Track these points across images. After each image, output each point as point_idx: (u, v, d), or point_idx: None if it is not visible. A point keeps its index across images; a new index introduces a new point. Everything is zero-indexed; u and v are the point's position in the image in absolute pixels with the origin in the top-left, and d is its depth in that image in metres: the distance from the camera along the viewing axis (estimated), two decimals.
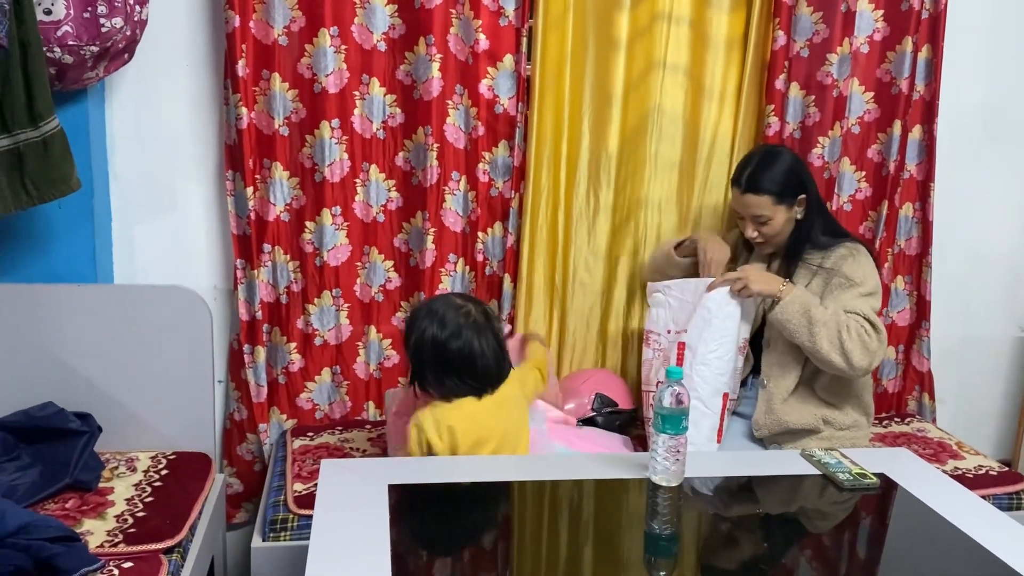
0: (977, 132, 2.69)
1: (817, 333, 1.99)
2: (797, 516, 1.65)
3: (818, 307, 2.02)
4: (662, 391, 1.58)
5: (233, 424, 2.40)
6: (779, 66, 2.40)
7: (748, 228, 2.16)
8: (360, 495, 1.54)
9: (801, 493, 1.69)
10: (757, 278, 2.07)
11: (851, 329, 1.99)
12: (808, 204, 2.15)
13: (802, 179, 2.14)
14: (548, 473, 1.68)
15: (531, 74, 2.33)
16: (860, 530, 1.60)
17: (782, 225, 2.13)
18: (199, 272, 2.37)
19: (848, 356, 1.99)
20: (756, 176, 2.11)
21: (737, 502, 1.70)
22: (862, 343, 1.99)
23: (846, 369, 2.01)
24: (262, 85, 2.23)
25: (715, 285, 2.10)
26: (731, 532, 1.58)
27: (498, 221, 2.42)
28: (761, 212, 2.12)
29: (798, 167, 2.16)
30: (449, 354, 1.75)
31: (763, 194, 2.10)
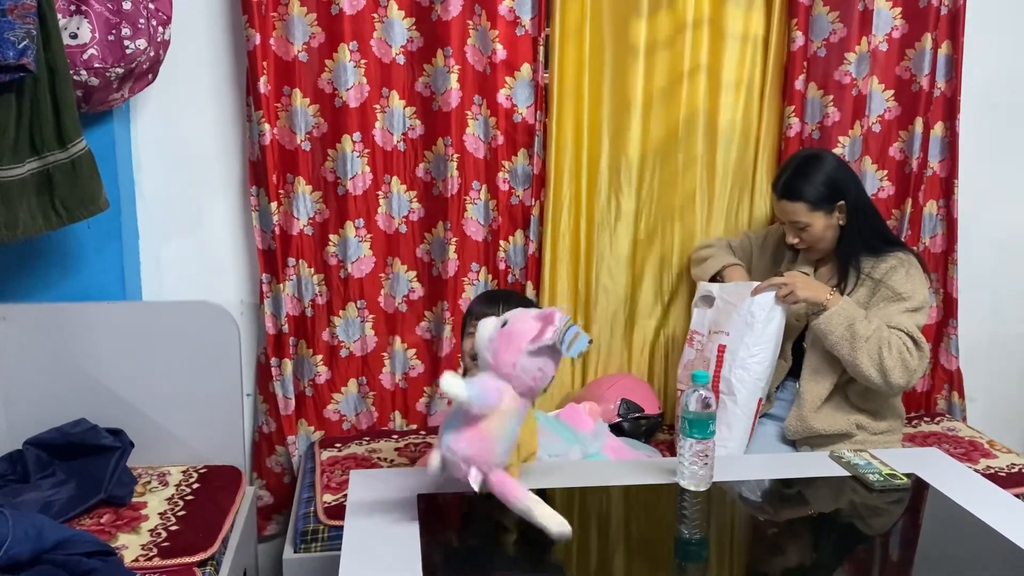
0: (1000, 126, 2.67)
1: (858, 348, 1.98)
2: (827, 518, 1.64)
3: (862, 321, 2.00)
4: (688, 395, 1.58)
5: (262, 437, 2.42)
6: (798, 67, 2.40)
7: (789, 234, 2.16)
8: (389, 505, 1.55)
9: (831, 495, 1.68)
10: (804, 285, 2.06)
11: (892, 346, 1.97)
12: (851, 210, 2.11)
13: (841, 185, 2.10)
14: (577, 480, 1.68)
15: (549, 83, 2.35)
16: (892, 531, 1.59)
17: (822, 231, 2.11)
18: (225, 287, 2.40)
19: (887, 374, 1.98)
20: (792, 183, 2.10)
21: (766, 505, 1.69)
22: (902, 361, 1.98)
23: (882, 386, 2.00)
24: (283, 101, 2.26)
25: (761, 289, 2.09)
26: (761, 535, 1.57)
27: (519, 229, 2.43)
28: (798, 219, 2.11)
29: (839, 173, 2.12)
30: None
31: (797, 201, 2.09)
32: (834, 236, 2.14)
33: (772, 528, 1.60)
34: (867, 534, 1.58)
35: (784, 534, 1.57)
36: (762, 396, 2.12)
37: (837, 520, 1.63)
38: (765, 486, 1.72)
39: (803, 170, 2.11)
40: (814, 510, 1.66)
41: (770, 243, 2.38)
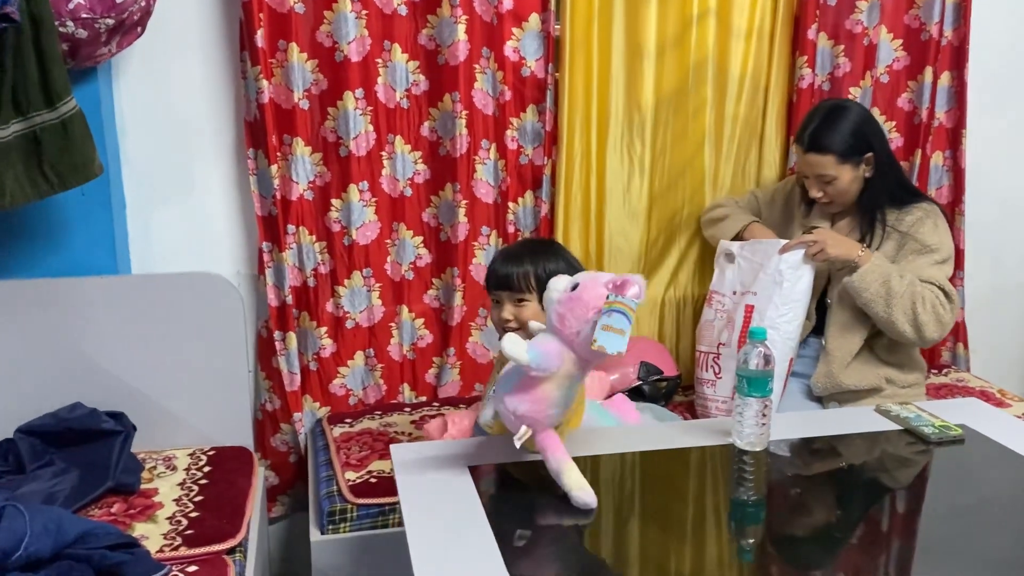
0: (1007, 76, 2.65)
1: (894, 305, 1.95)
2: (889, 472, 1.60)
3: (896, 277, 1.97)
4: (747, 353, 1.52)
5: (266, 415, 2.29)
6: (810, 15, 2.34)
7: (813, 188, 2.09)
8: (441, 478, 1.46)
9: (887, 449, 1.64)
10: (835, 242, 2.01)
11: (926, 301, 1.95)
12: (877, 162, 2.06)
13: (869, 137, 2.05)
14: (631, 445, 1.61)
15: (560, 34, 2.24)
16: (957, 479, 1.55)
17: (848, 184, 2.06)
18: (220, 258, 2.26)
19: (921, 328, 1.96)
20: (819, 134, 2.03)
21: (821, 464, 1.64)
22: (936, 315, 1.95)
23: (915, 340, 1.99)
24: (279, 57, 2.11)
25: (789, 247, 2.04)
26: (821, 495, 1.52)
27: (529, 190, 2.33)
28: (825, 171, 2.04)
29: (866, 124, 2.06)
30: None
31: (826, 153, 2.02)
32: (858, 189, 2.09)
33: (830, 485, 1.55)
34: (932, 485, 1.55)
35: (845, 491, 1.52)
36: (792, 356, 2.08)
37: (898, 474, 1.60)
38: (817, 444, 1.67)
39: (830, 122, 2.04)
40: (872, 465, 1.62)
41: (779, 199, 2.32)
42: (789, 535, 1.40)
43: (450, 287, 2.32)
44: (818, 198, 2.11)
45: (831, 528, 1.40)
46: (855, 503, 1.49)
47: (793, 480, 1.57)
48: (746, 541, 1.40)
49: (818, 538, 1.37)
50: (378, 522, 1.86)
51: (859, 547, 1.34)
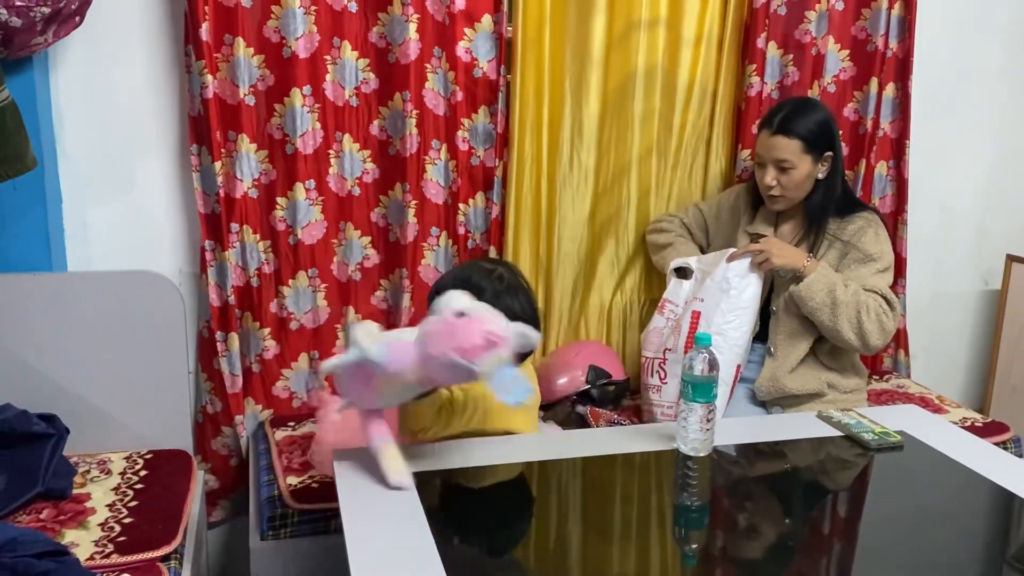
0: (949, 88, 2.72)
1: (839, 314, 1.98)
2: (828, 479, 1.62)
3: (841, 286, 2.00)
4: (693, 358, 1.52)
5: (206, 417, 2.24)
6: (759, 23, 2.36)
7: (768, 175, 2.08)
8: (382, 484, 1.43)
9: (829, 455, 1.66)
10: (780, 252, 2.03)
11: (870, 310, 1.98)
12: (832, 166, 2.09)
13: (832, 137, 2.09)
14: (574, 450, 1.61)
15: (512, 35, 2.23)
16: (894, 484, 1.58)
17: (803, 178, 2.07)
18: (161, 256, 2.19)
19: (865, 336, 1.99)
20: (790, 118, 2.04)
21: (763, 469, 1.65)
22: (880, 323, 1.99)
23: (860, 347, 2.02)
24: (224, 51, 2.06)
25: (736, 256, 2.06)
26: (762, 501, 1.53)
27: (480, 191, 2.32)
28: (787, 156, 2.04)
29: (833, 124, 2.11)
30: None
31: (794, 137, 2.03)
32: (808, 189, 2.11)
33: (771, 491, 1.57)
34: (870, 491, 1.57)
35: (783, 497, 1.54)
36: (740, 363, 2.10)
37: (838, 479, 1.62)
38: (758, 449, 1.68)
39: (802, 109, 2.07)
40: (813, 471, 1.64)
41: (724, 209, 2.35)
42: (733, 540, 1.41)
43: (398, 288, 2.29)
44: (770, 187, 2.09)
45: (773, 533, 1.41)
46: (797, 509, 1.51)
47: (737, 485, 1.59)
48: (690, 546, 1.41)
49: (761, 543, 1.38)
50: (319, 528, 1.82)
51: (801, 552, 1.35)
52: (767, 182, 2.08)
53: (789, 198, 2.11)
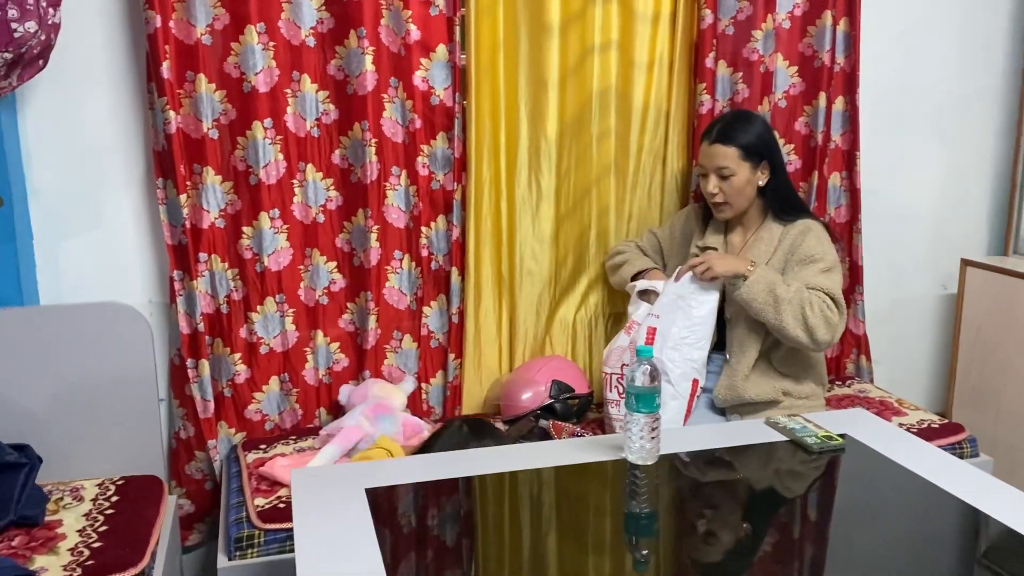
0: (895, 100, 2.80)
1: (783, 311, 2.04)
2: (772, 483, 1.68)
3: (782, 285, 2.06)
4: (633, 370, 1.58)
5: (179, 443, 2.29)
6: (707, 44, 2.44)
7: (710, 183, 2.17)
8: (337, 501, 1.49)
9: (772, 461, 1.72)
10: (720, 261, 2.10)
11: (814, 305, 2.04)
12: (771, 173, 2.18)
13: (769, 145, 2.18)
14: (523, 463, 1.66)
15: (466, 63, 2.30)
16: (835, 490, 1.64)
17: (743, 185, 2.15)
18: (131, 287, 2.26)
19: (812, 332, 2.04)
20: (728, 129, 2.15)
21: (711, 475, 1.71)
22: (825, 318, 2.04)
23: (809, 344, 2.06)
24: (187, 87, 2.14)
25: (682, 272, 2.12)
26: (709, 506, 1.59)
27: (441, 215, 2.39)
28: (726, 164, 2.13)
29: (768, 133, 2.21)
30: None
31: (732, 145, 2.13)
32: (751, 195, 2.19)
33: (717, 497, 1.62)
34: (812, 495, 1.63)
35: (729, 502, 1.59)
36: (698, 377, 2.15)
37: (780, 484, 1.67)
38: (708, 456, 1.73)
39: (739, 121, 2.18)
40: (757, 477, 1.70)
41: (677, 230, 2.42)
42: (681, 545, 1.46)
43: (364, 311, 2.36)
44: (713, 194, 2.18)
45: (720, 537, 1.45)
46: (742, 513, 1.55)
47: (683, 492, 1.64)
48: (640, 553, 1.46)
49: (708, 548, 1.43)
50: (286, 547, 1.87)
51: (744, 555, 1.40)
52: (710, 189, 2.17)
53: (733, 205, 2.19)
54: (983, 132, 2.93)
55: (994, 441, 2.71)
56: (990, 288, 2.74)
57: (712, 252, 2.18)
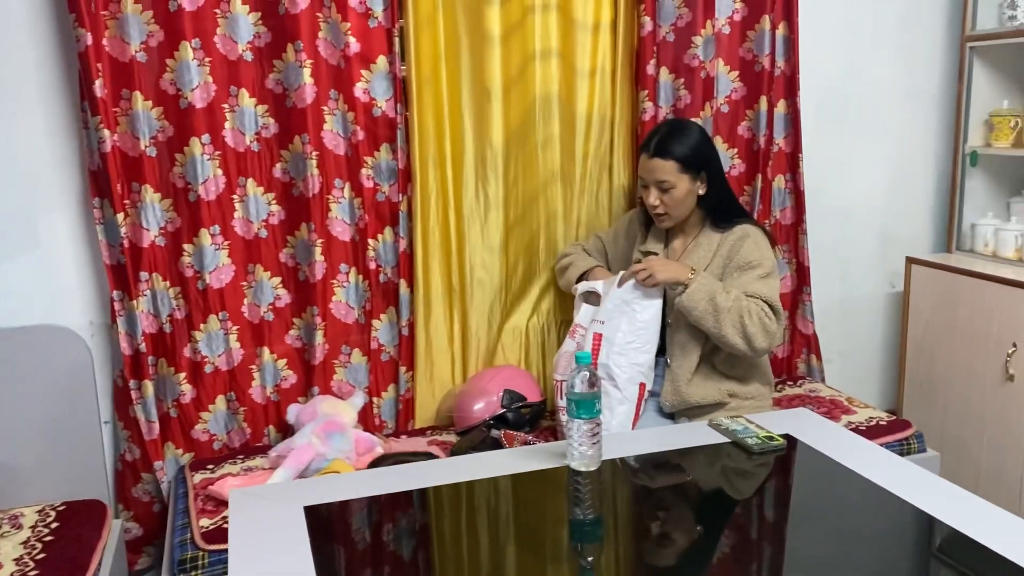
0: (837, 102, 2.84)
1: (722, 320, 2.05)
2: (714, 485, 1.68)
3: (722, 293, 2.07)
4: (572, 377, 1.58)
5: (125, 465, 2.26)
6: (648, 51, 2.46)
7: (651, 195, 2.18)
8: (275, 521, 1.47)
9: (715, 462, 1.73)
10: (662, 268, 2.11)
11: (753, 314, 2.05)
12: (711, 181, 2.19)
13: (707, 155, 2.19)
14: (465, 474, 1.65)
15: (406, 74, 2.30)
16: (775, 489, 1.65)
17: (683, 196, 2.17)
18: (71, 308, 2.22)
19: (750, 340, 2.06)
20: (665, 142, 2.15)
21: (655, 479, 1.71)
22: (763, 326, 2.06)
23: (747, 351, 2.08)
24: (123, 105, 2.11)
25: (625, 278, 2.13)
26: (652, 510, 1.59)
27: (388, 226, 2.38)
28: (665, 177, 2.14)
29: (705, 143, 2.21)
30: None
31: (669, 159, 2.13)
32: (691, 205, 2.20)
33: (660, 500, 1.62)
34: (752, 495, 1.63)
35: (672, 505, 1.59)
36: (644, 381, 2.16)
37: (722, 486, 1.68)
38: (651, 460, 1.74)
39: (676, 133, 2.17)
40: (700, 479, 1.70)
41: (621, 234, 2.44)
42: (625, 551, 1.46)
43: (311, 326, 2.34)
44: (655, 207, 2.19)
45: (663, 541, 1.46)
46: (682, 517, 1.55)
47: (626, 496, 1.64)
48: (585, 560, 1.45)
49: (652, 552, 1.43)
50: None
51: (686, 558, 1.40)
52: (651, 202, 2.18)
53: (674, 216, 2.20)
54: (924, 132, 2.98)
55: (942, 436, 2.75)
56: (935, 285, 2.78)
57: (654, 258, 2.19)
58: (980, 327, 2.62)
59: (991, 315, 2.58)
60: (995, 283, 2.57)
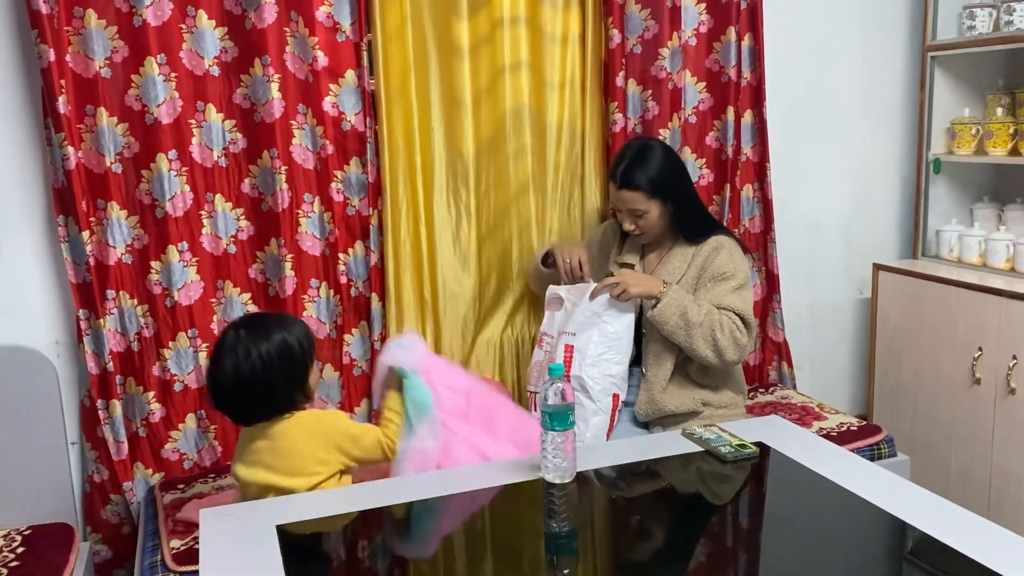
0: (803, 111, 2.87)
1: (693, 334, 2.07)
2: (688, 494, 1.69)
3: (693, 307, 2.08)
4: (546, 389, 1.58)
5: (93, 487, 2.22)
6: (617, 63, 2.47)
7: (626, 222, 2.20)
8: (247, 541, 1.45)
9: (688, 471, 1.73)
10: (635, 282, 2.12)
11: (724, 327, 2.07)
12: (680, 198, 2.19)
13: (674, 175, 2.18)
14: (439, 489, 1.64)
15: (375, 88, 2.30)
16: (748, 496, 1.66)
17: (658, 218, 2.18)
18: (36, 328, 2.19)
19: (721, 353, 2.07)
20: (629, 172, 2.15)
21: (629, 489, 1.72)
22: (734, 340, 2.08)
23: (718, 364, 2.10)
24: (87, 122, 2.09)
25: (597, 292, 2.14)
26: (626, 519, 1.60)
27: (358, 240, 2.36)
28: (636, 206, 2.16)
29: (670, 163, 2.19)
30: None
31: (637, 190, 2.14)
32: (666, 223, 2.22)
33: (636, 511, 1.63)
34: (726, 503, 1.64)
35: (647, 515, 1.60)
36: (618, 392, 2.16)
37: (696, 494, 1.69)
38: (626, 470, 1.74)
39: (639, 161, 2.17)
40: (674, 488, 1.71)
41: (595, 244, 2.44)
42: (601, 562, 1.46)
43: None
44: (631, 231, 2.22)
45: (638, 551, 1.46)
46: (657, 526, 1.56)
47: (602, 508, 1.64)
48: (561, 572, 1.45)
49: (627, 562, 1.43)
50: None
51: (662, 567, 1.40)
52: (627, 228, 2.21)
53: (651, 235, 2.22)
54: (888, 140, 3.03)
55: (912, 440, 2.78)
56: (902, 291, 2.82)
57: (627, 272, 2.20)
58: (947, 332, 2.66)
59: (957, 320, 2.62)
60: (960, 288, 2.61)
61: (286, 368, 1.66)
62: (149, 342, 2.22)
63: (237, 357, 1.63)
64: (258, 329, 1.66)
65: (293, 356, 1.67)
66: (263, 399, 1.66)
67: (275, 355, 1.64)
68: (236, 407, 1.69)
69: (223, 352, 1.65)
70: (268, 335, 1.65)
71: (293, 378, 1.68)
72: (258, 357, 1.63)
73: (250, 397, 1.65)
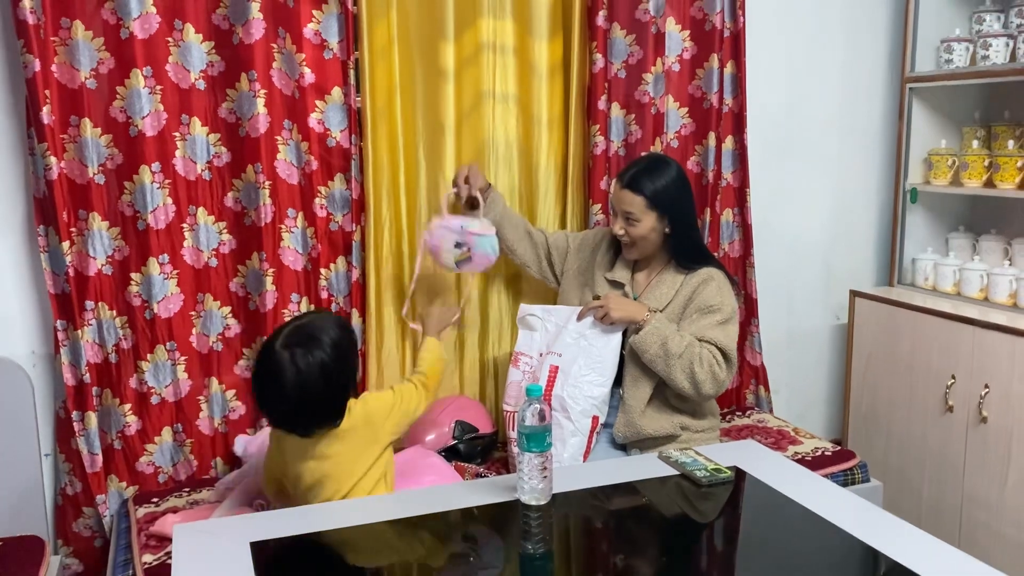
0: (782, 138, 2.92)
1: (672, 365, 2.08)
2: (664, 517, 1.70)
3: (675, 337, 2.09)
4: (524, 410, 1.58)
5: (66, 500, 2.20)
6: (600, 88, 2.50)
7: (617, 224, 2.21)
8: (221, 557, 1.45)
9: (664, 495, 1.74)
10: (618, 307, 2.13)
11: (703, 361, 2.08)
12: (678, 223, 2.20)
13: (677, 196, 2.18)
14: (416, 508, 1.64)
15: (362, 106, 2.31)
16: (723, 521, 1.67)
17: (647, 231, 2.18)
18: (12, 338, 2.17)
19: (698, 386, 2.09)
20: (639, 176, 2.16)
21: (605, 512, 1.72)
22: (712, 374, 2.09)
23: (694, 395, 2.12)
24: (71, 132, 2.09)
25: (583, 314, 2.15)
26: (601, 542, 1.60)
27: (340, 256, 2.37)
28: (632, 210, 2.16)
29: (679, 185, 2.19)
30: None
31: (638, 194, 2.15)
32: (656, 241, 2.22)
33: (611, 534, 1.63)
34: (701, 527, 1.66)
35: (623, 538, 1.60)
36: (598, 414, 2.17)
37: (671, 518, 1.69)
38: (602, 493, 1.75)
39: (652, 169, 2.18)
40: (649, 512, 1.72)
41: (587, 245, 2.43)
42: None
43: None
44: (619, 234, 2.22)
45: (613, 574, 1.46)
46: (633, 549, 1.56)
47: (575, 530, 1.65)
48: None
49: None
50: None
51: None
52: (616, 230, 2.21)
53: (638, 247, 2.22)
54: (866, 169, 3.08)
55: (885, 466, 2.81)
56: (877, 318, 2.85)
57: (612, 296, 2.21)
58: (921, 359, 2.69)
59: (931, 347, 2.65)
60: (934, 316, 2.64)
61: (344, 367, 1.71)
62: (127, 354, 2.21)
63: (299, 373, 1.64)
64: (306, 340, 1.67)
65: (346, 355, 1.72)
66: (328, 405, 1.70)
67: (331, 360, 1.66)
68: (304, 421, 1.70)
69: (281, 372, 1.65)
70: (319, 343, 1.67)
71: (352, 375, 1.75)
72: (318, 367, 1.65)
73: (318, 407, 1.68)
